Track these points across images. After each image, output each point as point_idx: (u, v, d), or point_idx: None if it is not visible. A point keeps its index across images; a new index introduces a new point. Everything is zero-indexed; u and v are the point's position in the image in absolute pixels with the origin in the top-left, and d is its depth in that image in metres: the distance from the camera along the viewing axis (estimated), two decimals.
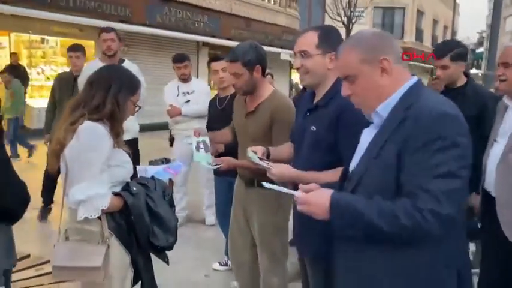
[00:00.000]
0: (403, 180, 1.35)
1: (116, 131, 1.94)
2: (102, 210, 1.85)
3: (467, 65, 3.02)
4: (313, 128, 2.01)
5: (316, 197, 1.45)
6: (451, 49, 2.82)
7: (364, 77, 1.47)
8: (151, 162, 2.34)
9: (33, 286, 2.33)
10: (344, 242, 1.48)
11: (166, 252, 2.10)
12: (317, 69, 2.00)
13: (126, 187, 1.95)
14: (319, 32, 2.02)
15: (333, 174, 1.89)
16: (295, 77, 22.54)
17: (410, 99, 1.42)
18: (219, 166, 2.53)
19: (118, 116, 1.93)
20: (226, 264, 3.76)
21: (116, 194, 1.91)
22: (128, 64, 4.13)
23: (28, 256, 2.67)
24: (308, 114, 2.09)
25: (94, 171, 1.83)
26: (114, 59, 4.04)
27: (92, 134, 1.85)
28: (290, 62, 19.45)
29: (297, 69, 2.08)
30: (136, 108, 2.06)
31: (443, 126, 1.33)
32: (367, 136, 1.54)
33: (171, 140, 4.89)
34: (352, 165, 1.57)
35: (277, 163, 2.11)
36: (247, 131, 2.59)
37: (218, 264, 3.78)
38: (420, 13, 29.29)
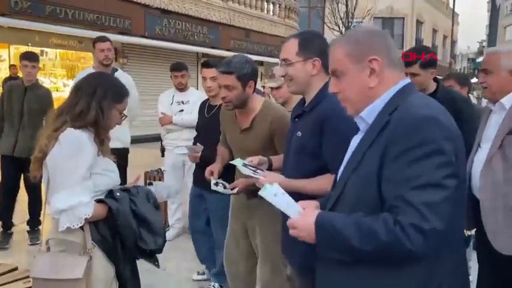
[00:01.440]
0: (384, 192, 1.25)
1: (100, 139, 1.90)
2: (86, 219, 1.80)
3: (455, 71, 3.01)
4: (299, 133, 1.99)
5: (303, 220, 1.36)
6: (418, 58, 2.73)
7: (351, 74, 1.39)
8: (146, 174, 2.31)
9: None
10: (328, 262, 1.39)
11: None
12: (299, 76, 1.98)
13: (110, 194, 1.91)
14: (299, 38, 2.00)
15: (322, 181, 1.86)
16: None
17: (396, 102, 1.32)
18: (236, 190, 2.46)
19: (102, 123, 1.89)
20: (203, 274, 3.71)
21: (99, 200, 1.86)
22: (120, 74, 4.12)
23: (16, 269, 2.62)
24: (296, 120, 2.06)
25: (76, 179, 1.78)
26: (109, 69, 4.04)
27: (73, 141, 1.81)
28: None
29: (283, 77, 2.06)
30: (123, 118, 2.03)
31: (425, 130, 1.21)
32: (354, 143, 1.46)
33: (163, 151, 4.87)
34: (339, 174, 1.49)
35: (268, 171, 2.08)
36: (244, 146, 2.53)
37: (196, 273, 3.71)
38: (419, 23, 29.41)
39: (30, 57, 4.37)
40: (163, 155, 4.83)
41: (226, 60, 2.49)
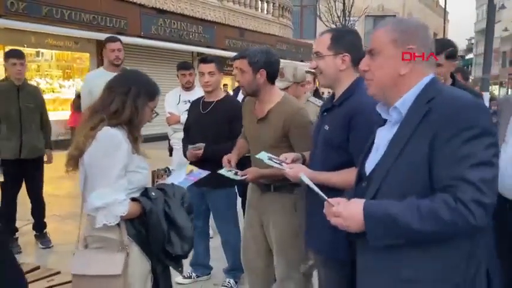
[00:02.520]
0: (438, 174, 1.30)
1: (134, 136, 1.92)
2: (121, 217, 1.82)
3: (465, 67, 3.05)
4: (326, 127, 2.03)
5: (348, 209, 1.38)
6: (446, 48, 2.81)
7: (386, 56, 1.44)
8: (153, 172, 2.33)
9: None
10: (372, 247, 1.39)
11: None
12: (328, 70, 2.03)
13: (145, 193, 1.93)
14: (332, 33, 2.04)
15: (346, 175, 1.90)
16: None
17: (430, 92, 1.39)
18: (245, 177, 2.52)
19: (136, 121, 1.92)
20: (190, 277, 3.68)
21: (134, 199, 1.89)
22: None
23: (38, 268, 2.63)
24: (325, 114, 2.11)
25: (112, 177, 1.81)
26: (119, 68, 4.03)
27: (110, 139, 1.83)
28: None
29: (314, 69, 2.11)
30: (154, 115, 2.05)
31: (474, 114, 1.30)
32: (384, 135, 1.49)
33: (170, 150, 4.87)
34: (369, 166, 1.52)
35: (292, 163, 2.11)
36: (260, 137, 2.57)
37: (182, 277, 3.63)
38: None
39: (18, 55, 4.16)
40: (171, 154, 4.84)
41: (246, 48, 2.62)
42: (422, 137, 1.33)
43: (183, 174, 2.33)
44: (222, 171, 2.58)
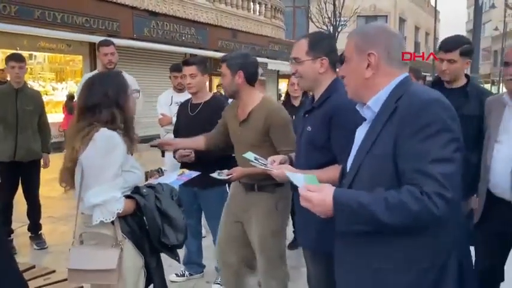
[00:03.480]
0: (402, 168, 1.38)
1: (130, 137, 2.00)
2: (118, 213, 1.90)
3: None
4: (309, 128, 2.12)
5: (319, 194, 1.44)
6: (461, 44, 2.76)
7: (353, 63, 1.56)
8: (147, 173, 2.42)
9: None
10: (347, 237, 1.49)
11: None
12: (308, 74, 2.12)
13: (136, 190, 2.01)
14: (309, 39, 2.14)
15: (331, 171, 1.98)
16: (283, 85, 22.74)
17: (400, 91, 1.48)
18: (230, 177, 2.62)
19: (129, 121, 2.00)
20: (183, 275, 3.75)
21: (128, 196, 1.97)
22: (124, 76, 4.18)
23: (33, 267, 2.69)
24: (306, 115, 2.20)
25: (109, 176, 1.89)
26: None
27: (107, 140, 1.91)
28: (278, 71, 19.63)
29: (293, 74, 2.20)
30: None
31: (434, 111, 1.36)
32: (361, 133, 1.58)
33: (163, 151, 4.94)
34: (349, 163, 1.61)
35: (279, 165, 2.19)
36: (243, 138, 2.69)
37: (175, 275, 3.73)
38: (402, 20, 29.86)
39: (17, 58, 4.28)
40: (163, 155, 4.91)
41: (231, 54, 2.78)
42: (388, 134, 1.42)
43: (175, 175, 2.44)
44: (213, 175, 2.68)
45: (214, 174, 2.67)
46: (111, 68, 4.11)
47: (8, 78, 4.49)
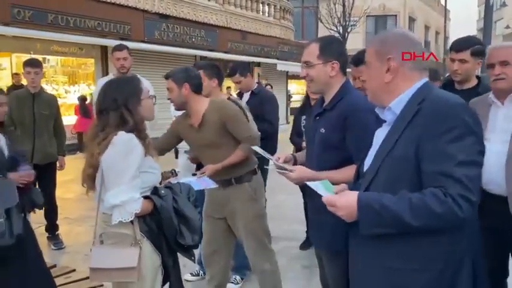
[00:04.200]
0: (426, 170, 1.39)
1: (143, 138, 2.06)
2: (136, 214, 1.97)
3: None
4: (322, 130, 2.16)
5: (343, 199, 1.48)
6: (471, 44, 2.77)
7: (372, 68, 1.60)
8: (162, 174, 2.48)
9: None
10: (361, 236, 1.49)
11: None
12: (320, 77, 2.16)
13: (155, 191, 2.08)
14: (320, 43, 2.18)
15: (347, 171, 2.02)
16: (292, 87, 22.74)
17: (422, 94, 1.50)
18: (204, 174, 2.78)
19: (140, 124, 2.06)
20: (198, 275, 3.82)
21: (146, 197, 2.03)
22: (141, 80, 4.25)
23: (54, 266, 2.77)
24: (317, 118, 2.25)
25: (128, 177, 1.95)
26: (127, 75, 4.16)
27: (126, 142, 1.98)
28: (287, 72, 19.64)
29: (304, 77, 2.24)
30: (151, 100, 2.17)
31: (459, 114, 1.39)
32: (381, 135, 1.60)
33: (176, 152, 5.00)
34: (367, 164, 1.64)
35: (295, 166, 2.24)
36: (204, 141, 2.85)
37: (190, 275, 3.81)
38: (412, 20, 29.71)
39: (33, 64, 4.36)
40: (177, 157, 4.97)
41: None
42: (411, 136, 1.43)
43: (193, 178, 2.54)
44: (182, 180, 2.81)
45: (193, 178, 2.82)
46: (123, 73, 4.18)
47: (24, 83, 4.56)
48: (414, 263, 1.43)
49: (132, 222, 1.99)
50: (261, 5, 17.78)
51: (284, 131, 6.60)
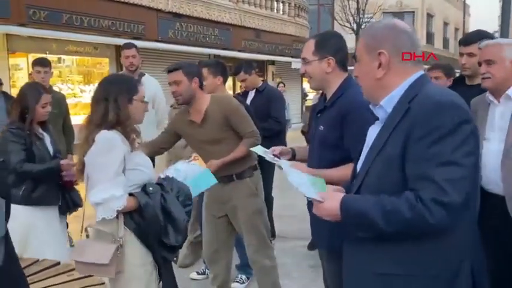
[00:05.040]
0: (408, 173, 1.34)
1: (127, 135, 2.06)
2: (118, 210, 1.98)
3: None
4: (321, 127, 2.14)
5: (328, 203, 1.47)
6: (480, 37, 2.70)
7: (364, 63, 1.53)
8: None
9: None
10: (354, 239, 1.48)
11: None
12: (316, 74, 2.14)
13: (144, 188, 2.07)
14: (316, 39, 2.16)
15: (345, 170, 1.98)
16: (307, 85, 22.62)
17: (413, 91, 1.43)
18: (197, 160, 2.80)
19: (124, 120, 2.05)
20: (204, 273, 3.81)
21: (131, 194, 2.03)
22: (147, 78, 4.27)
23: (58, 263, 2.78)
24: (319, 115, 2.22)
25: (109, 174, 1.96)
26: (135, 74, 4.20)
27: (106, 140, 2.00)
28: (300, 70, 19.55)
29: (302, 74, 2.25)
30: (145, 105, 2.19)
31: (442, 115, 1.32)
32: (373, 133, 1.56)
33: None
34: (359, 163, 1.60)
35: (294, 162, 2.21)
36: (205, 137, 2.83)
37: (196, 273, 3.82)
38: (430, 16, 29.23)
39: (42, 63, 4.42)
40: None
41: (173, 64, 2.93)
42: (399, 135, 1.38)
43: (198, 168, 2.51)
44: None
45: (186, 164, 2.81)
46: (132, 70, 4.21)
47: None
48: (405, 268, 1.37)
49: (117, 218, 2.01)
50: (275, 2, 17.72)
51: (298, 129, 6.55)
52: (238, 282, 3.65)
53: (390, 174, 1.39)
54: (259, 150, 2.25)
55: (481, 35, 2.73)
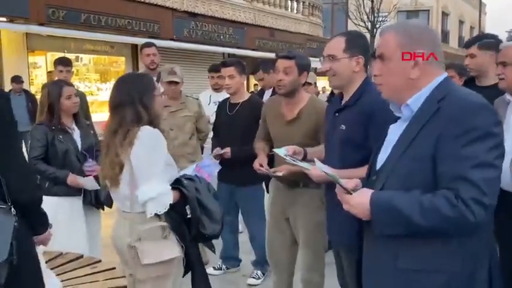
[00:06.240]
0: (442, 171, 1.35)
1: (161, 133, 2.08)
2: (170, 204, 2.01)
3: None
4: (343, 126, 2.13)
5: (357, 198, 1.47)
6: (479, 39, 2.91)
7: (396, 62, 1.50)
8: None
9: (89, 282, 2.53)
10: (375, 236, 1.48)
11: None
12: (343, 72, 2.13)
13: (178, 183, 2.10)
14: (347, 37, 2.16)
15: (364, 171, 2.00)
16: (321, 83, 22.52)
17: (442, 91, 1.45)
18: (281, 174, 2.61)
19: (155, 118, 2.07)
20: (220, 269, 3.85)
21: (173, 188, 2.06)
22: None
23: (81, 257, 2.87)
24: (337, 114, 2.21)
25: (158, 170, 1.99)
26: (155, 72, 4.27)
27: (152, 136, 2.01)
28: (315, 69, 19.50)
29: (326, 71, 2.19)
30: (163, 97, 2.23)
31: (479, 116, 1.34)
32: (396, 131, 1.55)
33: (201, 148, 5.10)
34: (380, 161, 1.59)
35: (294, 154, 2.23)
36: (291, 138, 2.66)
37: (213, 268, 3.82)
38: (445, 15, 28.92)
39: (64, 63, 4.54)
40: (202, 152, 5.06)
41: (286, 51, 2.79)
42: (429, 135, 1.39)
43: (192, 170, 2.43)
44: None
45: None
46: (153, 69, 4.29)
47: None
48: (429, 264, 1.40)
49: (159, 216, 2.03)
50: (289, 1, 17.70)
51: None
52: (254, 277, 3.70)
53: (418, 172, 1.40)
54: (280, 152, 2.26)
55: (480, 37, 2.97)
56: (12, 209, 1.61)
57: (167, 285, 2.08)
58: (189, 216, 2.13)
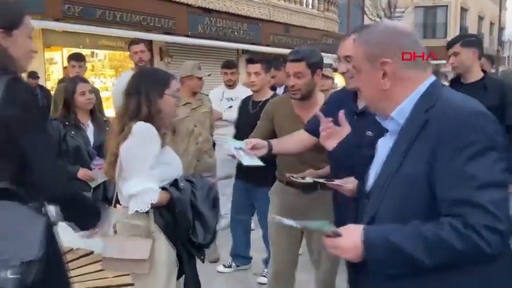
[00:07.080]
0: (441, 195, 1.17)
1: (158, 130, 2.04)
2: (151, 204, 1.96)
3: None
4: (369, 133, 1.95)
5: (347, 240, 1.26)
6: (461, 38, 3.13)
7: (365, 74, 1.36)
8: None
9: (99, 278, 2.54)
10: (379, 276, 1.28)
11: None
12: None
13: (174, 183, 2.06)
14: None
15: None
16: (337, 80, 22.33)
17: (430, 100, 1.27)
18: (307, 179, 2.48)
19: (158, 115, 2.04)
20: (230, 266, 3.84)
21: (163, 188, 2.03)
22: (129, 72, 4.34)
23: (92, 253, 2.90)
24: (355, 117, 2.05)
25: (145, 167, 1.95)
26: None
27: (145, 131, 1.98)
28: (331, 65, 19.32)
29: (343, 73, 2.06)
30: (177, 101, 2.15)
31: (480, 125, 1.16)
32: (384, 146, 1.39)
33: (213, 145, 5.09)
34: (371, 180, 1.41)
35: (346, 178, 1.88)
36: None
37: (223, 266, 3.82)
38: (464, 10, 28.40)
39: (77, 58, 4.59)
40: (214, 149, 5.05)
41: (294, 49, 2.56)
42: (420, 151, 1.22)
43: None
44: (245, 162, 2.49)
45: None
46: (142, 66, 4.28)
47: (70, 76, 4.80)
48: None
49: (147, 213, 2.00)
50: None
51: None
52: (265, 276, 3.68)
53: (414, 195, 1.22)
54: (236, 144, 2.08)
55: (463, 36, 3.25)
56: (43, 208, 1.62)
57: (156, 285, 2.03)
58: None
